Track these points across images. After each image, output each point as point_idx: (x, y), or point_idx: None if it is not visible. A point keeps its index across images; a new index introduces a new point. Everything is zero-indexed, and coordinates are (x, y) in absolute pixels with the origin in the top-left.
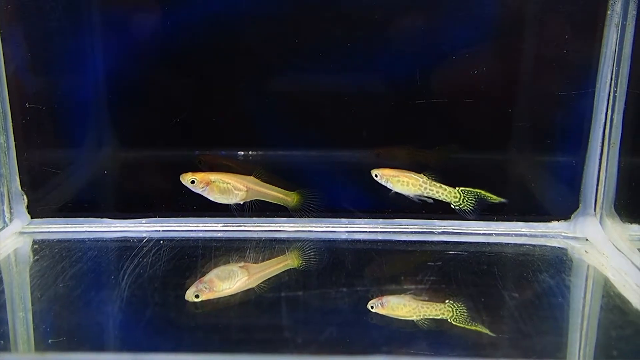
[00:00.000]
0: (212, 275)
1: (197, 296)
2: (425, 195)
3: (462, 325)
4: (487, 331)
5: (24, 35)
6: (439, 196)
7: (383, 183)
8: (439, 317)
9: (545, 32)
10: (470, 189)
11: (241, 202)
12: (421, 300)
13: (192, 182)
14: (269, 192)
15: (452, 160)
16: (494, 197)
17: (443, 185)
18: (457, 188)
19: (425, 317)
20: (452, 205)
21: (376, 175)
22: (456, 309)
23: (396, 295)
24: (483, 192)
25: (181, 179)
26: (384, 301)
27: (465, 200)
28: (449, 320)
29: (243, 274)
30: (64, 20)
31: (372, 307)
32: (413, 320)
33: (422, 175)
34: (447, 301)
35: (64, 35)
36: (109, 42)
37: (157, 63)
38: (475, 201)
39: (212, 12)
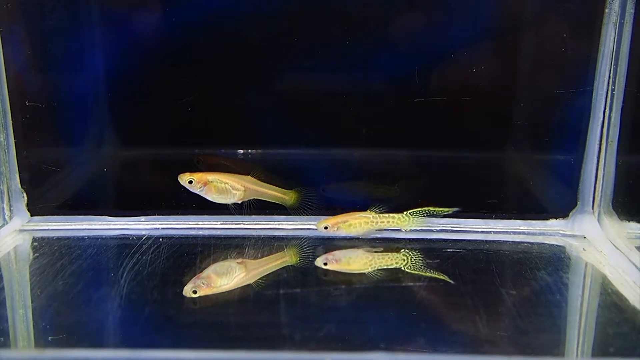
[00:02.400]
0: (210, 271)
1: (194, 292)
2: (377, 229)
3: (417, 272)
4: (444, 277)
5: (24, 34)
6: (390, 226)
7: (333, 234)
8: (393, 267)
9: (544, 30)
10: (417, 209)
11: (239, 202)
12: (375, 252)
13: (190, 182)
14: (267, 191)
15: (450, 159)
16: (443, 209)
17: (391, 214)
18: (404, 212)
19: (380, 267)
20: (402, 230)
21: (325, 228)
22: (411, 257)
23: (348, 249)
24: (430, 208)
25: (179, 179)
26: (337, 256)
27: (413, 222)
28: (404, 268)
29: (241, 270)
30: (64, 19)
31: (324, 264)
32: (365, 273)
33: (369, 212)
34: (402, 250)
35: (63, 33)
36: (108, 41)
37: (157, 62)
38: (423, 219)
39: (212, 11)
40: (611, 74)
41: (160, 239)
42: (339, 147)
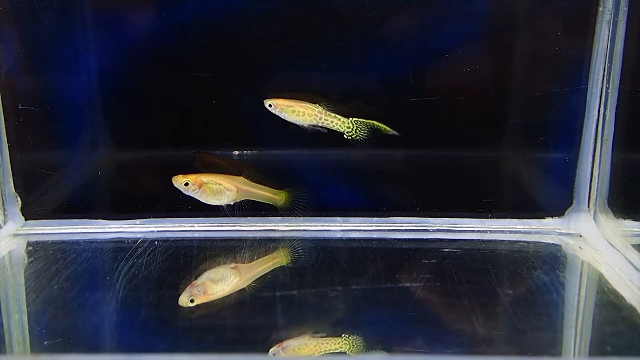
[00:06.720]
0: (205, 278)
1: (192, 300)
2: (320, 125)
3: (361, 355)
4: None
5: (17, 36)
6: (333, 126)
7: (277, 113)
8: (338, 351)
9: (538, 29)
10: (364, 120)
11: (232, 203)
12: (319, 337)
13: (186, 184)
14: (258, 191)
15: (446, 158)
16: (388, 128)
17: (337, 115)
18: (350, 118)
19: (326, 352)
20: (344, 136)
21: (270, 105)
22: (352, 341)
23: (295, 339)
24: (376, 122)
25: (173, 182)
26: (285, 346)
27: (357, 131)
28: (348, 352)
29: (235, 274)
30: (56, 20)
31: (273, 354)
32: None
33: (317, 105)
34: (343, 335)
35: (56, 35)
36: (102, 42)
37: (151, 63)
38: (367, 131)
39: (206, 11)
40: (605, 72)
41: (156, 242)
42: (336, 147)
